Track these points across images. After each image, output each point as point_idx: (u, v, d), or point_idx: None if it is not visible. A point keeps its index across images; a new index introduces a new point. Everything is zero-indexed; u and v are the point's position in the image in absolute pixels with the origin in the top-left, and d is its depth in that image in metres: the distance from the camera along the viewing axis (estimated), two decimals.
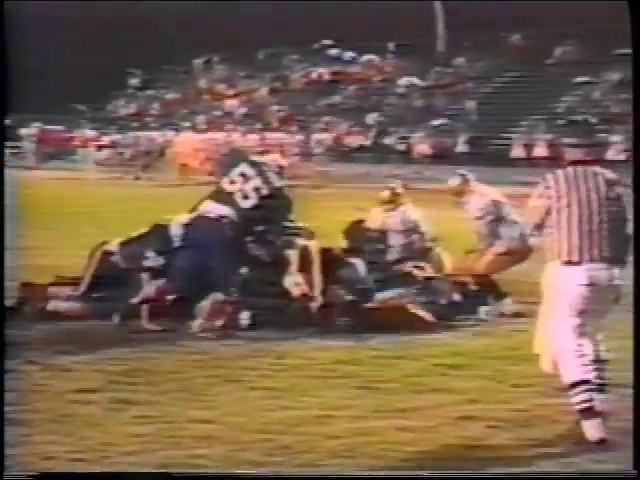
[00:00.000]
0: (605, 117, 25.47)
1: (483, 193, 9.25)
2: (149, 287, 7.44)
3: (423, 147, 30.44)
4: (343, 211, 11.57)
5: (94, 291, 7.74)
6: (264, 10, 36.87)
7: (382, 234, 8.69)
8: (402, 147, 30.87)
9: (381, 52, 36.99)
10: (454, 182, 9.39)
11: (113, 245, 7.86)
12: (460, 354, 6.60)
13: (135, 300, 7.36)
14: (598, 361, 4.97)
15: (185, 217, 7.78)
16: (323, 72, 37.93)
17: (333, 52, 38.81)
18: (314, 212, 10.20)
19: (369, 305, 7.44)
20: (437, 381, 5.98)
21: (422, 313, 7.38)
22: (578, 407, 4.89)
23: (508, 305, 7.93)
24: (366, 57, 37.28)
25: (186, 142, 30.22)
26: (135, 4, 38.27)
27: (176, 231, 7.65)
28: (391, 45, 37.03)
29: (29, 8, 21.39)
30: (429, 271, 8.01)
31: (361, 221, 9.09)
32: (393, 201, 8.91)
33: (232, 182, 7.59)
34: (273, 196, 7.56)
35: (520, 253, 8.54)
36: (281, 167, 7.95)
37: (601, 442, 4.80)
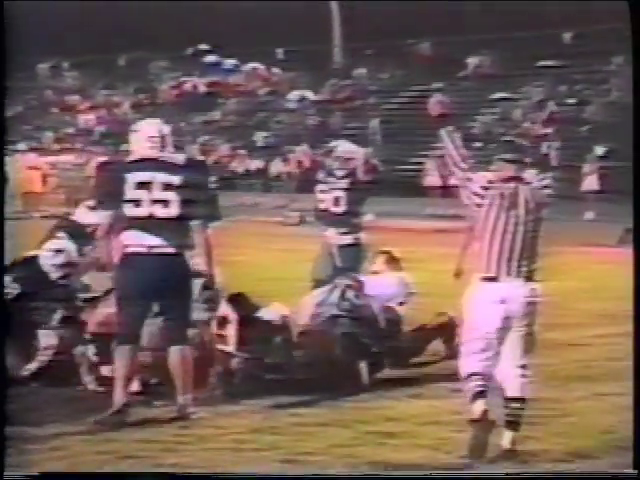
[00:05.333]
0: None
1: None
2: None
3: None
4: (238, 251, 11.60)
5: None
6: (126, 8, 36.74)
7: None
8: (295, 173, 31.08)
9: (268, 60, 37.35)
10: None
11: None
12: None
13: None
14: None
15: None
16: (198, 83, 38.02)
17: (210, 59, 38.97)
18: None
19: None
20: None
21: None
22: (470, 392, 6.00)
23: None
24: (250, 65, 37.57)
25: (30, 166, 29.70)
26: None
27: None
28: (280, 52, 37.43)
29: None
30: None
31: None
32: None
33: None
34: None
35: None
36: None
37: (482, 416, 5.93)
